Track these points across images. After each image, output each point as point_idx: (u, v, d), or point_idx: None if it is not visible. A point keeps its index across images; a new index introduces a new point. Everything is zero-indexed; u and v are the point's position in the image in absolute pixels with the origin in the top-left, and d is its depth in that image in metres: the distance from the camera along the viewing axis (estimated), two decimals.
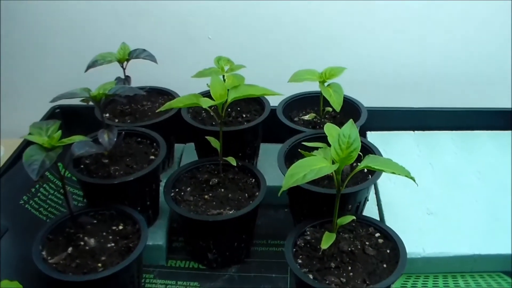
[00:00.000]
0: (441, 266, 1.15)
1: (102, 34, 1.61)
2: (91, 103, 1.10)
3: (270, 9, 1.56)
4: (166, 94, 1.44)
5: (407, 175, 0.90)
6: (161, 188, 1.21)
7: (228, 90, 1.10)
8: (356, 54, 1.59)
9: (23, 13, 1.65)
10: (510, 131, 1.47)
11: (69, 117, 1.48)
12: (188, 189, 1.17)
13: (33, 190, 1.26)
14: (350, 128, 0.92)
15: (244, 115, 1.33)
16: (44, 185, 1.29)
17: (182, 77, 1.36)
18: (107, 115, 1.35)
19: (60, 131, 0.97)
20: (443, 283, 1.14)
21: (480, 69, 1.61)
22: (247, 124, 1.28)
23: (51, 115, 1.49)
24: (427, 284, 1.14)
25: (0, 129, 1.72)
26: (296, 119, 1.33)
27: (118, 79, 1.24)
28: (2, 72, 1.75)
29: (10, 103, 1.80)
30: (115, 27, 1.60)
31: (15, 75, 1.76)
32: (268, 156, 1.37)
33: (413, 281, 1.15)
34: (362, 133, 1.40)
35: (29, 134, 0.97)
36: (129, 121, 1.33)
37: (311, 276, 0.95)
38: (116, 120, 1.33)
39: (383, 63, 1.61)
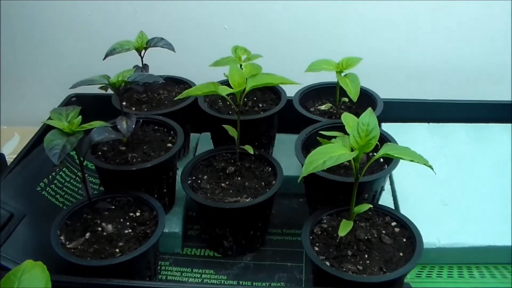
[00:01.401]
0: (456, 257, 1.15)
1: (119, 22, 1.62)
2: (109, 91, 1.11)
3: (284, 3, 1.56)
4: (182, 83, 1.44)
5: (426, 163, 0.90)
6: (178, 177, 1.22)
7: (246, 79, 1.10)
8: (371, 46, 1.59)
9: (40, 2, 1.66)
10: None
11: (85, 106, 1.47)
12: (205, 177, 1.18)
13: (50, 177, 1.27)
14: (369, 116, 0.93)
15: (260, 105, 1.33)
16: (61, 173, 1.30)
17: (198, 66, 1.37)
18: (124, 103, 1.36)
19: (80, 117, 0.97)
20: (458, 274, 1.14)
21: (494, 62, 1.61)
22: (263, 114, 1.28)
23: (67, 103, 1.49)
24: (441, 274, 1.14)
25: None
26: (312, 109, 1.34)
27: (136, 67, 1.24)
28: (18, 60, 1.76)
29: (25, 91, 1.81)
30: (131, 16, 1.61)
31: (31, 63, 1.77)
32: (283, 146, 1.37)
33: (428, 271, 1.15)
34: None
35: (49, 119, 0.98)
36: (146, 109, 1.34)
37: (328, 264, 0.96)
38: (133, 109, 1.34)
39: (398, 55, 1.61)
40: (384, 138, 1.18)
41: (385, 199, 1.23)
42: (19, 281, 0.68)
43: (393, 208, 1.21)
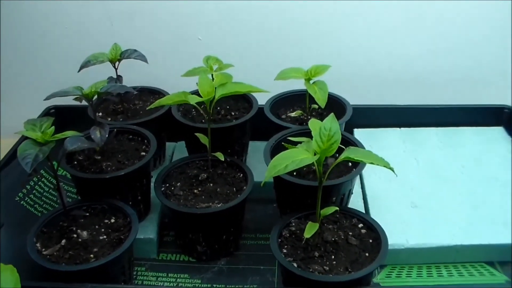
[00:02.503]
0: (424, 257, 1.18)
1: (95, 35, 1.65)
2: (84, 102, 1.14)
3: (257, 10, 1.59)
4: (157, 93, 1.47)
5: (386, 165, 0.93)
6: (152, 184, 1.25)
7: (215, 88, 1.14)
8: (343, 52, 1.62)
9: (18, 14, 1.68)
10: (493, 127, 1.50)
11: (63, 117, 1.51)
12: (178, 184, 1.21)
13: (28, 187, 1.30)
14: (331, 121, 0.96)
15: (232, 113, 1.37)
16: (39, 183, 1.33)
17: (173, 77, 1.39)
18: (100, 114, 1.39)
19: (53, 127, 1.00)
20: (427, 274, 1.17)
21: (467, 67, 1.64)
22: (235, 121, 1.31)
23: (45, 114, 1.52)
24: (411, 274, 1.17)
25: None
26: (283, 116, 1.37)
27: (110, 78, 1.27)
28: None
29: (4, 104, 1.83)
30: (107, 28, 1.63)
31: (9, 76, 1.79)
32: (257, 153, 1.39)
33: (398, 272, 1.18)
34: (349, 130, 1.44)
35: (24, 130, 1.01)
36: (121, 119, 1.37)
37: (295, 265, 0.99)
38: (109, 119, 1.37)
39: (370, 61, 1.64)
40: (352, 143, 1.21)
41: (356, 202, 1.26)
42: None
43: (364, 211, 1.24)
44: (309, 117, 1.34)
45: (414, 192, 1.30)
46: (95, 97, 1.13)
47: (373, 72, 1.65)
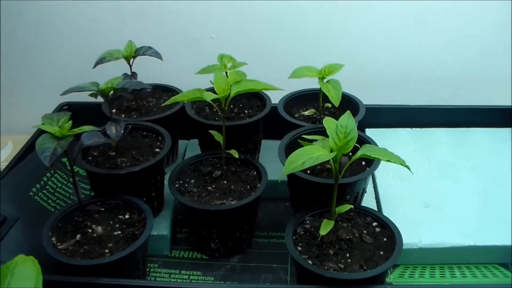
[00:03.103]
0: (437, 257, 1.18)
1: (107, 33, 1.65)
2: (99, 98, 1.14)
3: (270, 9, 1.60)
4: (170, 91, 1.48)
5: (402, 163, 0.93)
6: (166, 181, 1.25)
7: (231, 85, 1.14)
8: (355, 52, 1.63)
9: (30, 11, 1.69)
10: (504, 128, 1.50)
11: (76, 114, 1.51)
12: (192, 181, 1.21)
13: (42, 182, 1.30)
14: (348, 119, 0.96)
15: (246, 111, 1.37)
16: (52, 178, 1.33)
17: (186, 75, 1.40)
18: (114, 110, 1.39)
19: (70, 122, 1.01)
20: (440, 274, 1.17)
21: (477, 68, 1.64)
22: (248, 119, 1.32)
23: (59, 111, 1.52)
24: (424, 274, 1.17)
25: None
26: (296, 115, 1.37)
27: (125, 75, 1.28)
28: (9, 69, 1.79)
29: (18, 101, 1.84)
30: (119, 26, 1.64)
31: (23, 73, 1.80)
32: (269, 152, 1.40)
33: (410, 272, 1.18)
34: (361, 129, 1.44)
35: (42, 124, 1.01)
36: (135, 116, 1.37)
37: (310, 262, 0.99)
38: (123, 116, 1.37)
39: (382, 61, 1.65)
40: (365, 142, 1.21)
41: (368, 202, 1.26)
42: (11, 273, 0.71)
43: (376, 210, 1.24)
44: (321, 116, 1.34)
45: (426, 192, 1.30)
46: (111, 93, 1.13)
47: (384, 71, 1.65)
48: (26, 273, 0.71)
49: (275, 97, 1.39)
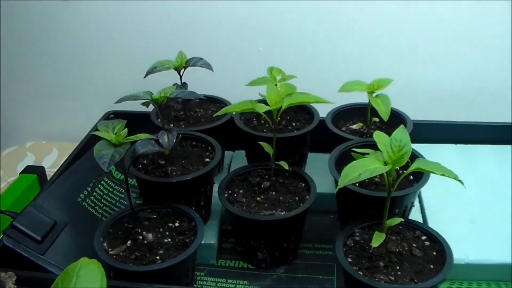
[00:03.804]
0: (484, 273, 1.17)
1: (156, 43, 1.68)
2: (143, 107, 1.16)
3: (316, 23, 1.62)
4: (218, 102, 1.50)
5: (456, 177, 0.94)
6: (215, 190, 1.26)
7: (282, 97, 1.15)
8: (401, 67, 1.64)
9: (77, 22, 1.73)
10: None
11: None
12: (241, 191, 1.22)
13: (88, 189, 1.32)
14: (402, 132, 0.97)
15: (293, 124, 1.38)
16: (99, 185, 1.35)
17: (233, 86, 1.43)
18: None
19: (126, 129, 1.02)
20: None
21: None
22: (297, 132, 1.33)
23: (106, 119, 1.54)
24: None
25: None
26: (343, 128, 1.38)
27: (176, 85, 1.29)
28: (53, 79, 1.83)
29: (63, 109, 1.87)
30: (169, 37, 1.67)
31: (67, 82, 1.83)
32: (314, 165, 1.41)
33: (457, 286, 1.18)
34: None
35: (97, 131, 1.03)
36: (183, 126, 1.39)
37: (361, 273, 0.99)
38: (171, 125, 1.39)
39: (427, 77, 1.66)
40: (414, 155, 1.21)
41: (414, 216, 1.25)
42: (77, 275, 0.72)
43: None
44: (369, 130, 1.35)
45: (472, 208, 1.29)
46: (164, 102, 1.15)
47: (429, 87, 1.66)
48: (92, 276, 0.73)
49: (320, 112, 1.40)
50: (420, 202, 1.32)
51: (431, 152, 1.41)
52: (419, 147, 1.45)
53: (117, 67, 1.78)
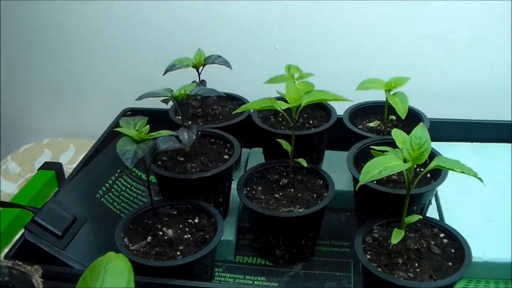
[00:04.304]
0: (502, 272, 1.17)
1: (171, 41, 1.69)
2: (161, 105, 1.17)
3: (331, 22, 1.63)
4: (235, 100, 1.51)
5: (475, 175, 0.95)
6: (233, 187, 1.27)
7: (302, 95, 1.16)
8: (417, 66, 1.64)
9: (93, 21, 1.74)
10: None
11: None
12: (259, 188, 1.23)
13: (107, 185, 1.33)
14: (421, 130, 0.98)
15: (311, 121, 1.39)
16: (117, 182, 1.36)
17: (249, 84, 1.43)
18: (180, 117, 1.42)
19: (148, 126, 1.03)
20: None
21: None
22: (315, 129, 1.34)
23: (123, 116, 1.56)
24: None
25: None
26: (360, 126, 1.39)
27: (195, 82, 1.30)
28: (70, 76, 1.84)
29: (79, 106, 1.89)
30: (185, 36, 1.68)
31: (83, 79, 1.85)
32: (331, 162, 1.42)
33: (474, 285, 1.18)
34: None
35: (119, 127, 1.04)
36: (201, 123, 1.40)
37: (380, 270, 1.00)
38: (189, 122, 1.40)
39: (442, 75, 1.66)
40: (432, 154, 1.22)
41: (431, 215, 1.25)
42: (104, 269, 0.73)
43: None
44: (386, 128, 1.36)
45: (488, 206, 1.29)
46: (184, 99, 1.16)
47: (446, 85, 1.66)
48: (119, 270, 0.74)
49: (336, 109, 1.41)
50: (437, 200, 1.32)
51: (447, 150, 1.41)
52: (434, 146, 1.45)
53: (130, 66, 1.79)
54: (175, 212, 1.16)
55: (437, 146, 1.43)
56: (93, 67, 1.84)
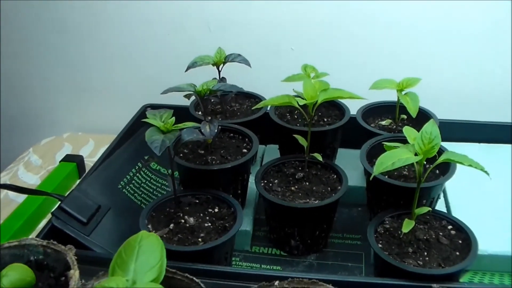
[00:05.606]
0: (507, 265, 1.22)
1: (193, 41, 1.75)
2: (182, 102, 1.23)
3: (345, 23, 1.69)
4: (253, 97, 1.57)
5: (482, 169, 1.00)
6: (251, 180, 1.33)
7: (318, 92, 1.22)
8: (429, 68, 1.69)
9: (113, 19, 1.80)
10: None
11: None
12: (276, 181, 1.29)
13: (128, 177, 1.38)
14: (432, 126, 1.04)
15: (325, 119, 1.45)
16: (137, 174, 1.41)
17: (266, 83, 1.49)
18: (199, 113, 1.48)
19: (173, 118, 1.09)
20: (509, 281, 1.22)
21: None
22: (329, 126, 1.39)
23: (142, 112, 1.61)
24: (493, 280, 1.22)
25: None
26: (372, 124, 1.44)
27: (216, 80, 1.36)
28: (90, 73, 1.89)
29: (99, 102, 1.94)
30: (205, 38, 1.74)
31: (103, 76, 1.90)
32: (343, 159, 1.47)
33: (479, 277, 1.23)
34: None
35: (147, 118, 1.09)
36: (220, 119, 1.46)
37: (391, 258, 1.06)
38: (209, 118, 1.45)
39: (452, 77, 1.72)
40: (441, 150, 1.27)
41: (439, 209, 1.31)
42: (139, 245, 0.79)
43: None
44: (397, 126, 1.41)
45: (495, 202, 1.34)
46: (206, 94, 1.21)
47: (455, 87, 1.71)
48: (152, 246, 0.80)
49: (350, 108, 1.47)
50: (445, 195, 1.37)
51: (454, 150, 1.46)
52: (443, 145, 1.50)
53: (148, 64, 1.85)
54: (197, 201, 1.21)
55: (446, 146, 1.48)
56: (113, 65, 1.89)
